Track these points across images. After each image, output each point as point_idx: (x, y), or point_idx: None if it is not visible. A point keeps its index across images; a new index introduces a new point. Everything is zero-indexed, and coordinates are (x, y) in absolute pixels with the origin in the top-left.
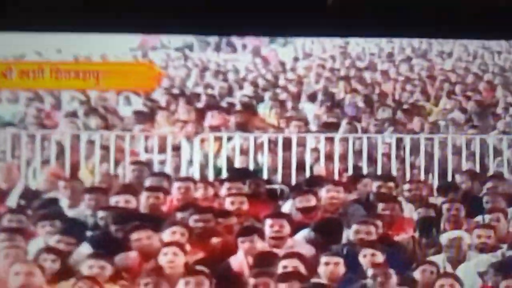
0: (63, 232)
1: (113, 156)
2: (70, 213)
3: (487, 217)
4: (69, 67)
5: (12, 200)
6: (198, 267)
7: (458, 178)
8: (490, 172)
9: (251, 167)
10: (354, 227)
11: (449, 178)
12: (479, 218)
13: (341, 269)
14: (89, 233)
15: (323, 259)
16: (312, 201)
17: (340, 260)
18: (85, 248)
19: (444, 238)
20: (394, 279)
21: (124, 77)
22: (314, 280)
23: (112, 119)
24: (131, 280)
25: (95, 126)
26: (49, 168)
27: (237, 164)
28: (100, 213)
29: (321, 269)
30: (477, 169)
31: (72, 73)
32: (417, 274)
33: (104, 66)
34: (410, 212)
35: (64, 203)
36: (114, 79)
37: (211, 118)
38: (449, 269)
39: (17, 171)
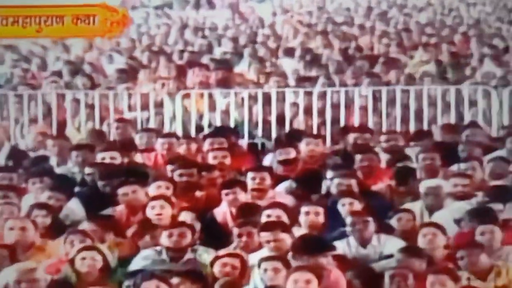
0: (53, 189)
1: (98, 114)
2: (58, 170)
3: (463, 165)
4: (6, 13)
5: (1, 159)
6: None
7: (434, 129)
8: (465, 122)
9: (232, 122)
10: (336, 180)
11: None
12: (455, 167)
13: (321, 218)
14: (77, 189)
15: (304, 208)
16: (292, 154)
17: (320, 210)
18: (74, 203)
19: (422, 186)
20: (372, 226)
21: (75, 23)
22: (295, 228)
23: (98, 77)
24: (121, 233)
25: (82, 85)
26: (36, 127)
27: (219, 119)
28: (87, 170)
29: (302, 218)
30: (453, 119)
31: (10, 19)
32: (394, 221)
33: (48, 11)
34: (387, 162)
35: (53, 161)
36: (62, 26)
37: (192, 75)
38: (426, 216)
39: (2, 132)
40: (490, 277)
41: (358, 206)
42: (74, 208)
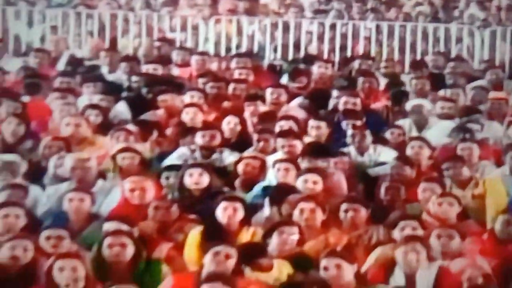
0: (104, 92)
1: (144, 32)
2: (109, 77)
3: (449, 91)
4: None
5: (61, 66)
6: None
7: (426, 58)
8: (453, 55)
9: (256, 45)
10: (343, 98)
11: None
12: (442, 92)
13: (325, 131)
14: (124, 94)
15: (311, 122)
16: (304, 81)
17: (323, 124)
18: (122, 106)
19: (408, 105)
20: (369, 138)
21: None
22: (306, 138)
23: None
24: (161, 133)
25: (139, 7)
26: (92, 40)
27: (245, 42)
28: (134, 78)
29: (311, 131)
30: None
31: None
32: (387, 135)
33: None
34: (385, 85)
35: (104, 69)
36: None
37: (224, 4)
38: (414, 130)
39: (64, 42)
40: (469, 186)
41: (359, 122)
42: (121, 110)
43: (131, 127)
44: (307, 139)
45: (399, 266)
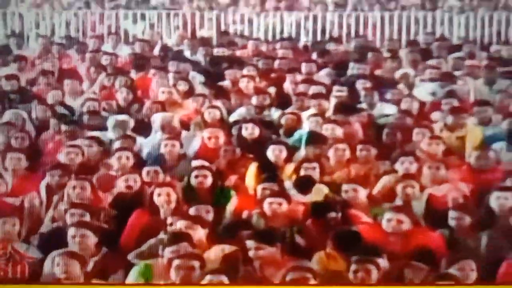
0: (187, 69)
1: (215, 26)
2: (191, 58)
3: (435, 61)
4: None
5: (156, 51)
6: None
7: (418, 37)
8: (437, 35)
9: (293, 33)
10: (357, 66)
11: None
12: (430, 62)
13: (346, 93)
14: (201, 67)
15: (336, 87)
16: (328, 57)
17: (344, 88)
18: (200, 78)
19: (397, 74)
20: (377, 96)
21: None
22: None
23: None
24: (227, 97)
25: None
26: (178, 32)
27: (286, 30)
28: (208, 58)
29: (336, 94)
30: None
31: None
32: (389, 95)
33: None
34: (387, 57)
35: (187, 53)
36: None
37: (270, 2)
38: (406, 90)
39: (158, 34)
40: (455, 130)
41: (368, 84)
42: (200, 81)
43: (206, 92)
44: (333, 100)
45: (399, 197)
